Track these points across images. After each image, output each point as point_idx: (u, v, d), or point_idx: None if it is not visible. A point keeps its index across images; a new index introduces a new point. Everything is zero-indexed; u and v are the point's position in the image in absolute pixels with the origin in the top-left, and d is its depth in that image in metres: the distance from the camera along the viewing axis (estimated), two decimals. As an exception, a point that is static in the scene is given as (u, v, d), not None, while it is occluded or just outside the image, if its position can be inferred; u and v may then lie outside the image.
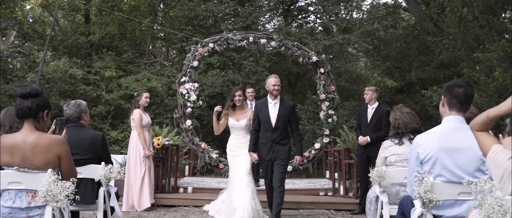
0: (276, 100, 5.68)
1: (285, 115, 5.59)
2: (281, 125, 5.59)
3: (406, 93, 18.33)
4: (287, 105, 5.66)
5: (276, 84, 5.65)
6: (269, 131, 5.60)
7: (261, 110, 5.67)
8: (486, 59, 8.40)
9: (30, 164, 2.93)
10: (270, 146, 5.59)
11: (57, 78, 11.51)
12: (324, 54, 10.53)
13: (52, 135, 3.08)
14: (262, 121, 5.65)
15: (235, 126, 5.99)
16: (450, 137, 2.80)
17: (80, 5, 13.24)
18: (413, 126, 4.05)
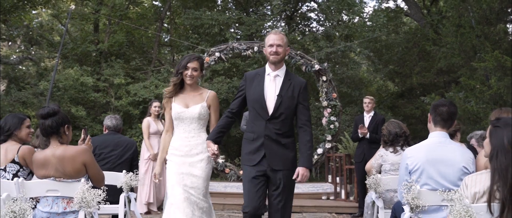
0: (277, 71, 3.51)
1: (291, 97, 3.45)
2: (284, 112, 3.43)
3: (407, 98, 18.69)
4: (297, 83, 3.50)
5: (274, 44, 3.48)
6: (262, 118, 3.43)
7: (252, 83, 3.54)
8: (481, 68, 8.77)
9: (63, 174, 3.34)
10: (260, 145, 3.41)
11: (68, 86, 11.94)
12: (326, 63, 10.88)
13: (76, 146, 3.50)
14: (251, 101, 3.50)
15: (183, 115, 3.78)
16: (435, 150, 3.19)
17: (90, 15, 13.67)
18: (395, 131, 4.46)
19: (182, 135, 3.83)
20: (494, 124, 2.45)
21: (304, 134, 3.46)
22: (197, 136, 3.83)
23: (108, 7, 13.78)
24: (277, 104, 3.44)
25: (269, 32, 4.23)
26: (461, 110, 9.25)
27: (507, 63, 7.98)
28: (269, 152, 3.41)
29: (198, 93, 3.89)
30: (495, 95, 8.65)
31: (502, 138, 2.35)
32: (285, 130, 3.46)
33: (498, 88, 8.52)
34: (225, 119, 3.64)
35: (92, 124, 12.63)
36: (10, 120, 3.92)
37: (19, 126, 3.89)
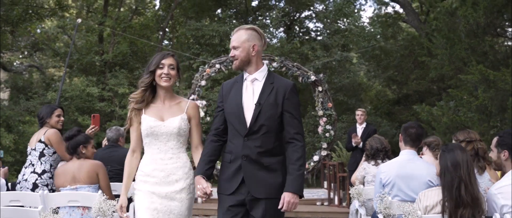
0: (255, 74, 2.85)
1: (273, 105, 2.77)
2: (265, 124, 2.76)
3: (403, 105, 19.21)
4: (280, 86, 2.81)
5: (231, 48, 2.90)
6: (239, 134, 2.79)
7: (229, 93, 2.90)
8: (468, 81, 9.26)
9: (77, 181, 3.93)
10: (238, 168, 2.78)
11: (75, 96, 12.46)
12: (322, 74, 11.35)
13: (92, 160, 4.10)
14: (227, 115, 2.87)
15: (157, 130, 2.95)
16: (405, 167, 3.67)
17: (95, 26, 14.20)
18: (376, 146, 4.94)
19: (156, 156, 2.95)
20: (443, 149, 2.95)
21: (293, 151, 2.75)
22: (176, 158, 2.98)
23: (113, 19, 14.29)
24: (255, 115, 2.74)
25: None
26: (449, 119, 9.75)
27: (491, 77, 8.46)
28: (249, 176, 2.74)
29: (175, 103, 3.05)
30: (481, 106, 9.12)
31: (447, 161, 2.85)
32: (268, 146, 2.76)
33: (483, 100, 9.00)
34: (210, 144, 2.90)
35: (97, 133, 13.11)
36: (43, 110, 4.51)
37: (50, 115, 4.46)
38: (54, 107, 4.55)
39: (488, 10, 9.32)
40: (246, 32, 2.87)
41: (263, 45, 2.91)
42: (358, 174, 5.03)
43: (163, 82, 2.96)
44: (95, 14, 14.88)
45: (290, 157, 2.78)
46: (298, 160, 2.74)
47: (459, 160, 2.92)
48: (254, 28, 2.91)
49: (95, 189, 4.02)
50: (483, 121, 9.34)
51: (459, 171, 2.89)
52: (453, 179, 2.82)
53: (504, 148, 2.94)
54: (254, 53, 2.85)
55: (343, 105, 15.46)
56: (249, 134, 2.77)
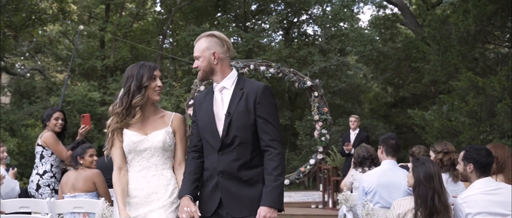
0: (223, 82, 2.71)
1: (245, 112, 2.61)
2: (238, 135, 2.61)
3: (400, 108, 19.49)
4: (251, 90, 2.65)
5: (195, 58, 2.76)
6: (213, 149, 2.66)
7: (201, 107, 2.78)
8: (458, 87, 9.55)
9: (76, 189, 4.28)
10: (214, 186, 2.64)
11: (77, 101, 12.76)
12: (318, 80, 11.63)
13: (90, 169, 4.40)
14: (201, 129, 2.74)
15: (140, 146, 2.78)
16: (386, 175, 3.96)
17: (97, 31, 14.50)
18: (363, 154, 5.23)
19: (137, 174, 2.76)
20: (415, 163, 3.24)
21: (269, 160, 2.56)
22: (159, 175, 2.76)
23: (114, 24, 14.60)
24: (225, 126, 2.59)
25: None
26: (441, 124, 10.03)
27: (480, 83, 8.75)
28: (226, 194, 2.57)
29: (159, 116, 2.86)
30: (471, 112, 9.41)
31: (420, 174, 3.14)
32: (245, 159, 2.58)
33: (473, 105, 9.29)
34: (192, 161, 2.73)
35: (99, 136, 13.43)
36: (45, 113, 4.88)
37: (49, 118, 4.77)
38: (54, 110, 4.86)
39: (478, 18, 9.59)
40: (206, 39, 2.71)
41: (226, 51, 2.71)
42: (346, 181, 5.32)
43: (157, 96, 2.81)
44: (96, 20, 15.17)
45: (266, 167, 2.59)
46: (274, 169, 2.55)
47: (431, 172, 3.21)
48: (213, 34, 2.73)
49: (92, 196, 4.36)
50: (473, 126, 9.61)
51: (432, 183, 3.18)
52: (427, 190, 3.11)
53: (470, 161, 3.22)
54: (216, 61, 2.68)
55: (340, 109, 15.74)
56: (223, 147, 2.60)
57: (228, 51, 2.73)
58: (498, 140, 8.98)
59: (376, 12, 20.82)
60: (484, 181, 3.17)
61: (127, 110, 2.75)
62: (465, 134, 9.64)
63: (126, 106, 2.75)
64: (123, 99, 2.76)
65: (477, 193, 3.11)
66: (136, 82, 2.73)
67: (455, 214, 3.15)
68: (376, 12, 20.82)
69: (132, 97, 2.72)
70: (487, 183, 3.16)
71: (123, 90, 2.79)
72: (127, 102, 2.74)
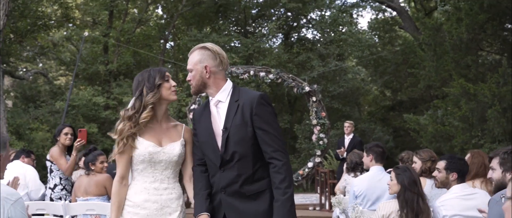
0: (217, 95, 2.63)
1: (242, 125, 2.52)
2: (237, 150, 2.52)
3: (397, 111, 19.83)
4: (246, 101, 2.55)
5: (188, 71, 2.66)
6: (215, 166, 2.60)
7: (200, 121, 2.70)
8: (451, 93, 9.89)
9: (88, 193, 4.65)
10: (218, 203, 2.59)
11: (82, 105, 13.12)
12: (316, 85, 11.97)
13: (101, 174, 4.74)
14: (201, 144, 2.68)
15: (156, 157, 2.66)
16: (374, 180, 4.30)
17: (100, 38, 14.86)
18: (355, 160, 5.56)
19: (149, 185, 2.67)
20: (397, 172, 3.57)
21: (275, 173, 2.47)
22: (171, 188, 2.70)
23: (117, 30, 14.96)
24: (223, 142, 2.52)
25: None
26: (434, 129, 10.37)
27: (471, 90, 9.09)
28: (230, 211, 2.53)
29: (172, 125, 2.76)
30: (463, 117, 9.74)
31: (404, 181, 3.48)
32: (247, 173, 2.51)
33: (465, 111, 9.62)
34: (201, 175, 2.67)
35: (103, 139, 13.79)
36: (57, 129, 5.19)
37: (59, 133, 5.09)
38: (64, 126, 5.18)
39: (470, 26, 9.93)
40: (199, 52, 2.62)
41: (218, 64, 2.60)
42: (340, 185, 5.66)
43: (174, 96, 2.70)
44: (100, 26, 15.54)
45: (273, 180, 2.48)
46: (282, 182, 2.45)
47: (414, 178, 3.57)
48: (206, 46, 2.62)
49: (103, 199, 4.69)
50: (466, 130, 9.95)
51: (416, 187, 3.53)
52: (412, 195, 3.46)
53: (454, 171, 3.55)
54: (208, 75, 2.59)
55: (338, 113, 16.08)
56: (223, 163, 2.54)
57: (221, 64, 2.61)
58: (489, 144, 9.33)
59: (375, 15, 21.25)
60: (461, 187, 3.51)
61: (140, 113, 2.62)
62: (458, 138, 9.98)
63: (138, 109, 2.62)
64: (136, 104, 2.64)
65: (454, 197, 3.44)
66: (148, 84, 2.63)
67: (433, 216, 3.49)
68: (375, 15, 21.25)
69: (145, 97, 2.61)
70: (463, 188, 3.50)
71: (136, 95, 2.65)
72: (140, 106, 2.62)
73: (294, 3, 15.44)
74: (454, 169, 3.54)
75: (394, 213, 3.51)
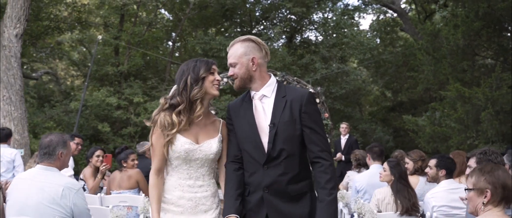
0: (262, 89, 2.57)
1: (290, 122, 2.46)
2: (285, 148, 2.45)
3: (398, 112, 20.39)
4: (295, 98, 2.50)
5: (229, 66, 2.61)
6: (257, 163, 2.50)
7: (238, 116, 2.62)
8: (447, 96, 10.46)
9: (121, 187, 5.24)
10: (259, 201, 2.50)
11: (95, 105, 13.72)
12: (319, 87, 12.53)
13: (132, 169, 5.27)
14: (241, 139, 2.59)
15: (192, 155, 2.61)
16: (374, 177, 4.88)
17: (111, 40, 15.44)
18: (364, 160, 6.15)
19: (184, 182, 2.61)
20: (390, 165, 4.18)
21: (321, 172, 2.41)
22: (206, 186, 2.64)
23: (128, 33, 15.56)
24: (271, 138, 2.43)
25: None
26: (432, 130, 10.93)
27: (466, 94, 9.65)
28: (273, 210, 2.44)
29: (211, 121, 2.69)
30: (459, 119, 10.31)
31: (395, 173, 4.10)
32: (293, 172, 2.44)
33: (461, 113, 10.19)
34: (233, 174, 2.56)
35: (114, 138, 14.38)
36: (89, 151, 5.76)
37: (91, 155, 5.64)
38: (97, 148, 5.67)
39: (466, 33, 10.49)
40: (242, 44, 2.55)
41: (264, 56, 2.56)
42: (343, 182, 6.25)
43: (215, 90, 2.60)
44: (111, 29, 16.14)
45: (318, 180, 2.43)
46: (328, 182, 2.39)
47: (404, 171, 4.21)
48: (250, 38, 2.57)
49: (135, 192, 5.28)
50: (461, 132, 10.51)
51: (404, 180, 4.19)
52: (404, 185, 4.09)
53: (442, 168, 4.15)
54: (255, 67, 2.52)
55: (340, 113, 16.64)
56: (268, 161, 2.44)
57: (266, 56, 2.57)
58: (483, 144, 9.87)
59: (377, 17, 21.77)
60: (448, 182, 4.10)
61: (189, 106, 2.56)
62: (454, 139, 10.54)
63: (187, 102, 2.55)
64: (183, 94, 2.54)
65: (442, 191, 4.03)
66: (193, 75, 2.56)
67: (424, 206, 4.08)
68: (377, 17, 21.77)
69: (190, 91, 2.54)
70: (450, 183, 4.08)
71: (180, 85, 2.57)
72: (187, 98, 2.54)
73: (298, 8, 15.99)
74: (443, 166, 4.14)
75: (388, 198, 4.14)
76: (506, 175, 2.33)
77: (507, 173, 2.36)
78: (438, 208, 3.93)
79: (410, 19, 17.28)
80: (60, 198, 3.16)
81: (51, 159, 3.31)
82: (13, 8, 10.69)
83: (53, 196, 3.16)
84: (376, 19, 21.76)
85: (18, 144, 9.92)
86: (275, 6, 17.70)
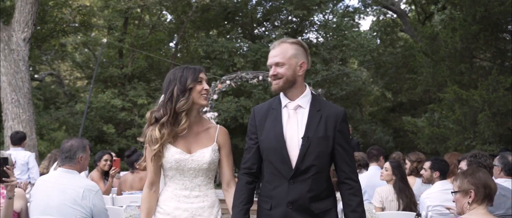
0: (298, 100, 2.44)
1: (324, 138, 2.37)
2: (316, 164, 2.36)
3: (398, 113, 20.64)
4: (331, 114, 2.41)
5: (272, 65, 2.46)
6: (282, 176, 2.39)
7: (264, 122, 2.47)
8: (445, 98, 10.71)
9: (133, 188, 5.49)
10: (282, 216, 2.38)
11: (100, 107, 13.99)
12: (320, 89, 12.78)
13: (144, 171, 5.53)
14: (265, 150, 2.44)
15: (184, 165, 2.56)
16: (373, 178, 5.13)
17: (115, 43, 15.72)
18: (365, 161, 6.41)
19: (179, 192, 2.56)
20: (392, 166, 4.44)
21: (351, 195, 2.40)
22: (203, 196, 2.58)
23: (132, 36, 15.84)
24: (302, 152, 2.33)
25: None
26: (430, 131, 11.18)
27: (463, 96, 9.89)
28: None
29: (204, 128, 2.62)
30: (457, 120, 10.55)
31: (397, 174, 4.38)
32: (319, 190, 2.37)
33: (459, 115, 10.44)
34: (245, 187, 2.47)
35: (119, 139, 14.65)
36: (97, 155, 5.99)
37: (99, 159, 5.87)
38: (104, 153, 5.89)
39: (464, 36, 10.73)
40: (293, 46, 2.42)
41: (308, 65, 2.47)
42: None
43: (203, 100, 2.53)
44: (115, 31, 16.41)
45: (348, 202, 2.40)
46: (359, 205, 2.38)
47: (404, 172, 4.48)
48: (301, 43, 2.47)
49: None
50: (459, 133, 10.76)
51: (405, 180, 4.46)
52: (405, 185, 4.43)
53: (436, 170, 4.41)
54: (301, 73, 2.43)
55: (341, 114, 16.89)
56: (296, 175, 2.34)
57: (308, 65, 2.49)
58: (480, 145, 10.13)
59: (377, 18, 22.02)
60: (442, 183, 4.35)
61: (173, 118, 2.48)
62: (452, 140, 10.79)
63: (171, 114, 2.48)
64: (167, 106, 2.49)
65: (436, 191, 4.27)
66: (180, 86, 2.48)
67: (420, 205, 4.33)
68: (377, 18, 22.02)
69: (176, 103, 2.47)
70: (444, 184, 4.33)
71: (166, 96, 2.52)
72: (172, 109, 2.48)
73: (299, 11, 16.24)
74: (436, 168, 4.39)
75: (391, 195, 4.43)
76: (486, 176, 2.62)
77: (488, 174, 2.64)
78: (433, 208, 4.17)
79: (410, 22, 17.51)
80: (81, 199, 3.41)
81: (72, 163, 3.56)
82: (21, 12, 10.95)
83: (74, 197, 3.41)
84: (377, 20, 22.04)
85: (26, 146, 10.17)
86: (276, 9, 17.95)
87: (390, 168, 4.53)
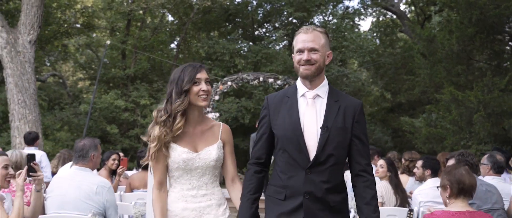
0: (316, 89, 2.42)
1: (342, 129, 2.35)
2: (334, 154, 2.34)
3: (397, 113, 20.88)
4: (349, 105, 2.40)
5: (304, 49, 2.37)
6: (299, 166, 2.34)
7: (278, 111, 2.43)
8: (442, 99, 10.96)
9: (143, 186, 5.72)
10: (297, 207, 2.33)
11: (103, 108, 14.25)
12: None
13: None
14: (280, 139, 2.40)
15: (191, 164, 2.57)
16: (368, 176, 5.40)
17: (118, 44, 15.98)
18: None
19: (186, 192, 2.57)
20: (387, 163, 4.69)
21: (366, 187, 2.36)
22: (210, 194, 2.59)
23: (134, 37, 16.10)
24: (322, 142, 2.30)
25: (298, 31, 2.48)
26: (427, 131, 11.43)
27: (459, 97, 10.14)
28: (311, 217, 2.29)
29: (208, 127, 2.63)
30: (453, 121, 10.79)
31: (392, 171, 4.65)
32: (336, 181, 2.36)
33: (455, 115, 10.68)
34: (254, 177, 2.45)
35: (122, 139, 14.91)
36: (105, 155, 6.17)
37: (107, 158, 6.06)
38: (112, 153, 6.10)
39: (460, 38, 10.97)
40: (324, 36, 2.41)
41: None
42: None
43: (202, 102, 2.50)
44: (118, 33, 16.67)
45: (362, 194, 2.36)
46: (373, 198, 2.34)
47: (397, 170, 4.75)
48: (327, 33, 2.46)
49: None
50: (456, 133, 11.00)
51: (398, 178, 4.71)
52: (398, 181, 4.68)
53: (428, 168, 4.67)
54: (327, 63, 2.44)
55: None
56: (314, 165, 2.30)
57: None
58: (476, 145, 10.37)
59: (376, 19, 22.25)
60: (433, 180, 4.59)
61: (171, 118, 2.49)
62: (448, 140, 11.03)
63: (170, 114, 2.49)
64: (167, 107, 2.51)
65: (428, 188, 4.52)
66: (176, 88, 2.49)
67: (412, 201, 4.58)
68: (376, 19, 22.25)
69: (172, 104, 2.49)
70: (435, 182, 4.56)
71: (166, 97, 2.57)
72: (170, 110, 2.49)
73: (299, 12, 16.48)
74: (428, 166, 4.65)
75: (389, 191, 4.69)
76: (463, 173, 2.92)
77: (467, 171, 2.92)
78: (424, 203, 4.42)
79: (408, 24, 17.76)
80: (94, 195, 3.66)
81: (85, 161, 3.81)
82: (27, 15, 11.21)
83: (89, 193, 3.66)
84: (376, 21, 22.28)
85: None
86: (276, 10, 18.21)
87: (386, 165, 4.78)
